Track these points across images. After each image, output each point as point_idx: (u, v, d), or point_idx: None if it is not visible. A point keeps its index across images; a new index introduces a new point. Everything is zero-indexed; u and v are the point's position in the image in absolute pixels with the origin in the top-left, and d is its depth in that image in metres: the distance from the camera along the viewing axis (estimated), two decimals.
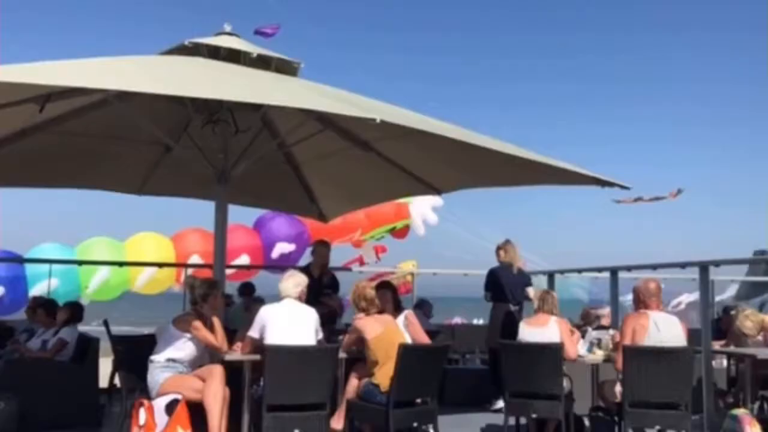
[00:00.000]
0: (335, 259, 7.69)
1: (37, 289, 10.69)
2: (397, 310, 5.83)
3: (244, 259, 11.80)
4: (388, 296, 5.79)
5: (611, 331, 6.16)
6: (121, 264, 10.91)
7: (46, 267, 10.45)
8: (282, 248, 12.12)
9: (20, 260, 10.93)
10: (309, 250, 9.51)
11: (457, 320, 12.54)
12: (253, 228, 12.63)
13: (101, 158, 6.81)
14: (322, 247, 7.21)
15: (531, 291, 7.37)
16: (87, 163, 6.91)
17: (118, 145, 6.57)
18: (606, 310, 7.45)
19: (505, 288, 7.34)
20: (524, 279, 7.53)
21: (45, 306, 6.63)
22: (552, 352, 5.52)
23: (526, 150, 4.95)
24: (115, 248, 11.85)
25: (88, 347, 6.36)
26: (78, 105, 5.78)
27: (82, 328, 6.66)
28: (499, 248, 7.53)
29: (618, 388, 5.47)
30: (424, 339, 5.84)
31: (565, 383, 5.61)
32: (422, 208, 13.63)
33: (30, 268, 11.06)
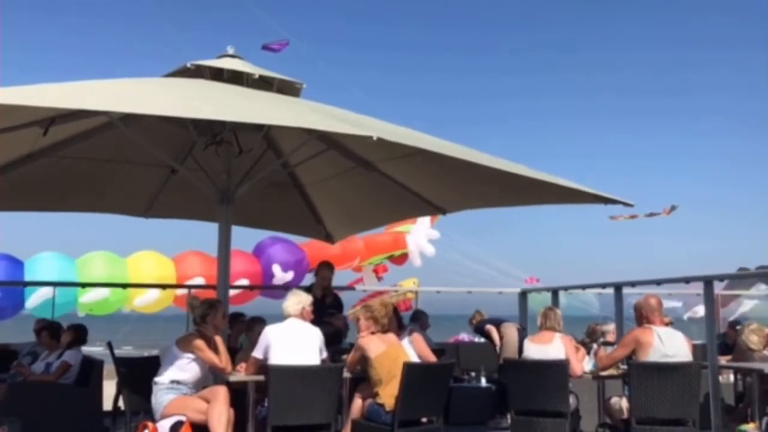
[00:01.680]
0: (336, 282, 7.69)
1: (34, 298, 10.70)
2: (400, 328, 5.82)
3: (243, 284, 11.81)
4: (392, 317, 5.78)
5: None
6: (124, 286, 10.91)
7: (44, 275, 10.50)
8: (280, 276, 12.14)
9: (22, 284, 10.92)
10: (309, 276, 9.55)
11: (464, 337, 12.48)
12: (253, 254, 12.67)
13: (107, 182, 6.85)
14: (325, 269, 7.22)
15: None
16: (93, 187, 6.95)
17: (124, 168, 6.61)
18: (611, 327, 7.43)
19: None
20: None
21: (49, 328, 6.61)
22: (557, 369, 5.50)
23: (528, 168, 4.96)
24: (116, 263, 11.83)
25: (92, 369, 6.35)
26: (82, 129, 5.82)
27: (85, 349, 6.65)
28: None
29: (624, 404, 5.44)
30: (431, 356, 5.84)
31: (572, 400, 5.59)
32: (419, 240, 13.71)
33: (27, 274, 11.05)
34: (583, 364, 5.91)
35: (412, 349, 5.82)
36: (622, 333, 6.95)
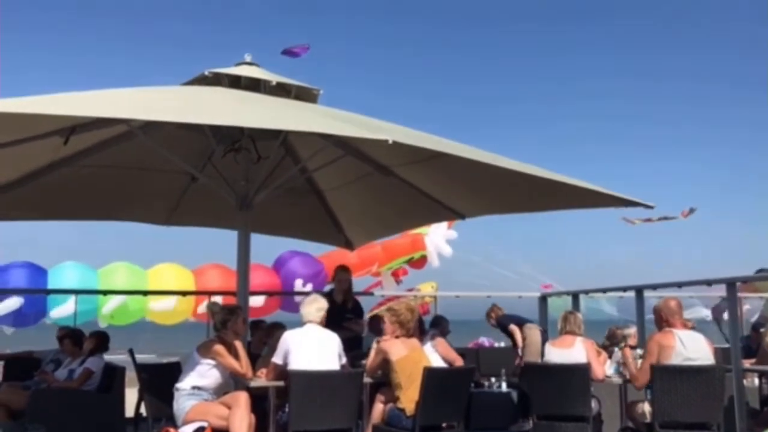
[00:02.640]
0: (354, 287, 7.68)
1: (56, 310, 10.83)
2: (422, 333, 5.81)
3: (262, 298, 11.86)
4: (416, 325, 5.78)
5: (639, 351, 6.07)
6: (145, 293, 10.99)
7: (67, 284, 10.65)
8: (299, 285, 12.20)
9: (45, 291, 11.04)
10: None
11: (483, 341, 12.40)
12: (273, 268, 12.73)
13: (128, 190, 6.91)
14: (343, 273, 7.22)
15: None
16: (114, 196, 7.01)
17: (144, 176, 6.67)
18: (632, 330, 7.35)
19: None
20: None
21: (71, 336, 6.67)
22: (579, 373, 5.46)
23: (547, 171, 4.93)
24: (137, 275, 11.94)
25: (114, 376, 6.39)
26: (102, 138, 5.88)
27: (107, 356, 6.70)
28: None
29: (647, 408, 5.38)
30: (457, 359, 5.84)
31: (594, 404, 5.55)
32: (437, 240, 13.67)
33: (51, 283, 11.19)
34: (605, 368, 5.86)
35: (435, 353, 5.81)
36: (644, 336, 6.89)
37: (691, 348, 5.22)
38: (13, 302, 10.87)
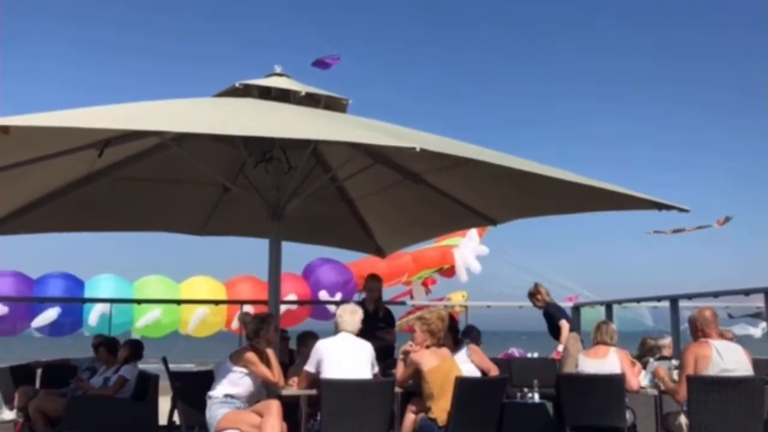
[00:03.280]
0: (384, 297, 7.70)
1: (92, 318, 11.03)
2: (455, 343, 5.79)
3: (293, 307, 11.92)
4: (447, 334, 5.76)
5: (674, 362, 5.97)
6: (179, 302, 11.13)
7: (102, 294, 10.87)
8: (325, 295, 12.23)
9: (81, 300, 11.24)
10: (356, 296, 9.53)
11: (514, 351, 12.30)
12: (302, 275, 12.79)
13: (162, 201, 7.00)
14: (374, 282, 7.23)
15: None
16: (149, 207, 7.13)
17: (178, 187, 6.76)
18: (667, 340, 7.24)
19: None
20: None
21: (107, 344, 6.78)
22: (613, 384, 5.39)
23: (577, 175, 4.89)
24: (171, 288, 12.12)
25: (148, 384, 6.46)
26: (137, 150, 5.99)
27: (141, 365, 6.78)
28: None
29: (684, 421, 5.28)
30: (493, 368, 5.80)
31: (628, 415, 5.47)
32: (466, 256, 13.58)
33: (87, 295, 11.39)
34: (640, 379, 5.76)
35: (470, 363, 5.77)
36: (679, 347, 6.78)
37: (729, 359, 5.11)
38: (51, 313, 11.09)
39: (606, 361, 5.68)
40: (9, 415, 6.42)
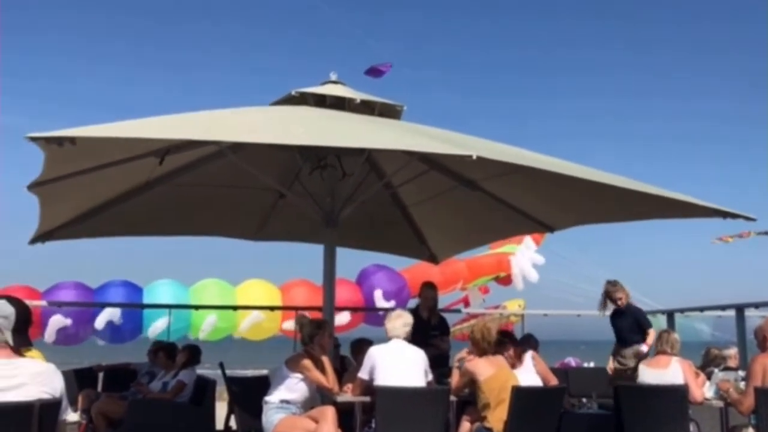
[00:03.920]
0: (440, 303, 7.63)
1: (152, 327, 11.28)
2: (518, 357, 5.73)
3: (345, 313, 11.97)
4: (509, 348, 5.69)
5: (740, 373, 5.75)
6: (235, 308, 11.29)
7: (160, 300, 11.14)
8: (381, 305, 12.22)
9: (140, 306, 11.50)
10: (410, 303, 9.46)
11: (570, 361, 12.06)
12: (356, 282, 12.82)
13: (219, 207, 7.13)
14: (429, 289, 7.17)
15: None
16: (206, 212, 7.26)
17: (235, 193, 6.87)
18: (732, 351, 6.98)
19: None
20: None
21: (165, 349, 6.91)
22: (676, 395, 5.21)
23: (637, 182, 4.77)
24: (227, 291, 12.30)
25: (205, 389, 6.55)
26: (195, 157, 6.11)
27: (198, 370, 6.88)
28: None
29: None
30: (553, 379, 5.70)
31: (692, 428, 5.29)
32: (523, 264, 13.40)
33: (146, 301, 11.66)
34: (704, 390, 5.57)
35: (535, 373, 5.67)
36: (746, 358, 6.53)
37: None
38: (113, 312, 11.38)
39: (668, 372, 5.52)
40: (73, 416, 6.58)
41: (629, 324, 7.19)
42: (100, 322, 11.26)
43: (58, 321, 10.95)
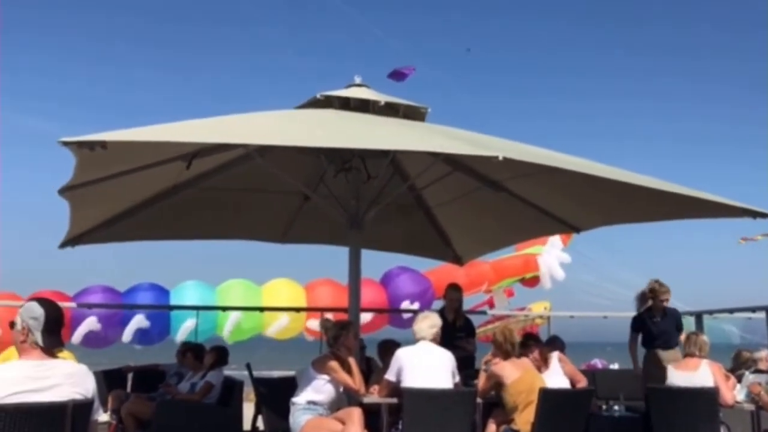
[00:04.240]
0: (465, 305, 7.62)
1: (181, 330, 11.42)
2: (545, 360, 5.72)
3: (369, 314, 11.99)
4: (534, 351, 5.67)
5: None
6: (261, 309, 11.38)
7: (187, 302, 11.30)
8: (406, 306, 12.21)
9: (168, 308, 11.63)
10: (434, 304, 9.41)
11: (596, 363, 11.95)
12: (380, 283, 12.84)
13: (245, 210, 7.19)
14: (454, 291, 7.17)
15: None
16: (232, 215, 7.32)
17: (261, 196, 6.92)
18: (764, 353, 6.88)
19: None
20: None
21: (193, 350, 6.97)
22: (706, 398, 5.16)
23: (663, 182, 4.73)
24: (252, 291, 12.41)
25: (233, 390, 6.61)
26: (222, 161, 6.17)
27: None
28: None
29: None
30: (583, 380, 5.67)
31: (723, 431, 5.21)
32: (550, 263, 13.33)
33: (173, 302, 11.79)
34: (735, 393, 5.50)
35: (563, 375, 5.64)
36: None
37: None
38: (140, 319, 11.53)
39: (697, 374, 5.45)
40: (103, 417, 6.67)
41: (671, 326, 6.98)
42: (128, 331, 11.44)
43: (88, 324, 11.12)
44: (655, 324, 6.98)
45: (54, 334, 3.26)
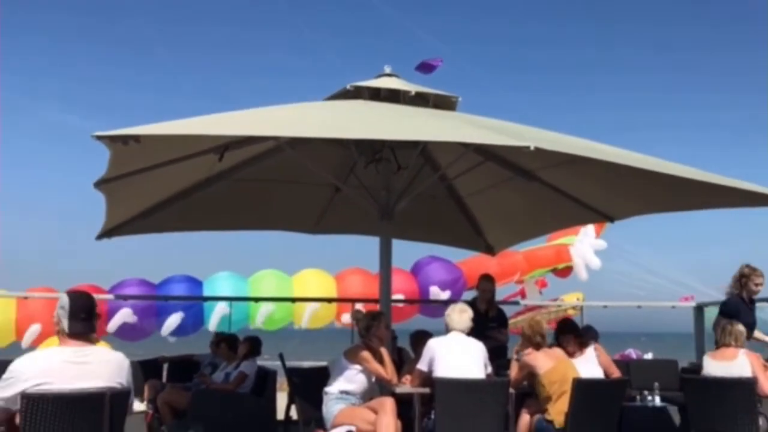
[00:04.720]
0: (497, 295, 7.57)
1: (212, 322, 11.58)
2: (581, 346, 5.67)
3: (399, 304, 12.01)
4: (570, 339, 5.63)
5: None
6: (293, 300, 11.48)
7: (221, 293, 11.49)
8: (437, 294, 12.17)
9: (202, 299, 11.79)
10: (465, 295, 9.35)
11: (630, 353, 11.82)
12: (411, 272, 12.83)
13: (277, 201, 7.24)
14: (486, 282, 7.14)
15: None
16: (264, 207, 7.38)
17: (292, 188, 6.97)
18: None
19: None
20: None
21: (227, 341, 7.05)
22: (744, 388, 5.06)
23: (697, 170, 4.64)
24: (284, 282, 12.55)
25: (266, 380, 6.67)
26: (253, 153, 6.21)
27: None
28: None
29: None
30: (616, 371, 5.63)
31: (761, 422, 5.12)
32: (584, 252, 13.16)
33: (206, 293, 11.95)
34: None
35: (598, 366, 5.59)
36: None
37: None
38: (175, 318, 11.74)
39: (734, 364, 5.36)
40: (140, 406, 6.78)
41: (755, 317, 6.37)
42: (167, 327, 11.63)
43: (123, 315, 11.33)
44: (741, 313, 6.16)
45: (81, 320, 3.37)
